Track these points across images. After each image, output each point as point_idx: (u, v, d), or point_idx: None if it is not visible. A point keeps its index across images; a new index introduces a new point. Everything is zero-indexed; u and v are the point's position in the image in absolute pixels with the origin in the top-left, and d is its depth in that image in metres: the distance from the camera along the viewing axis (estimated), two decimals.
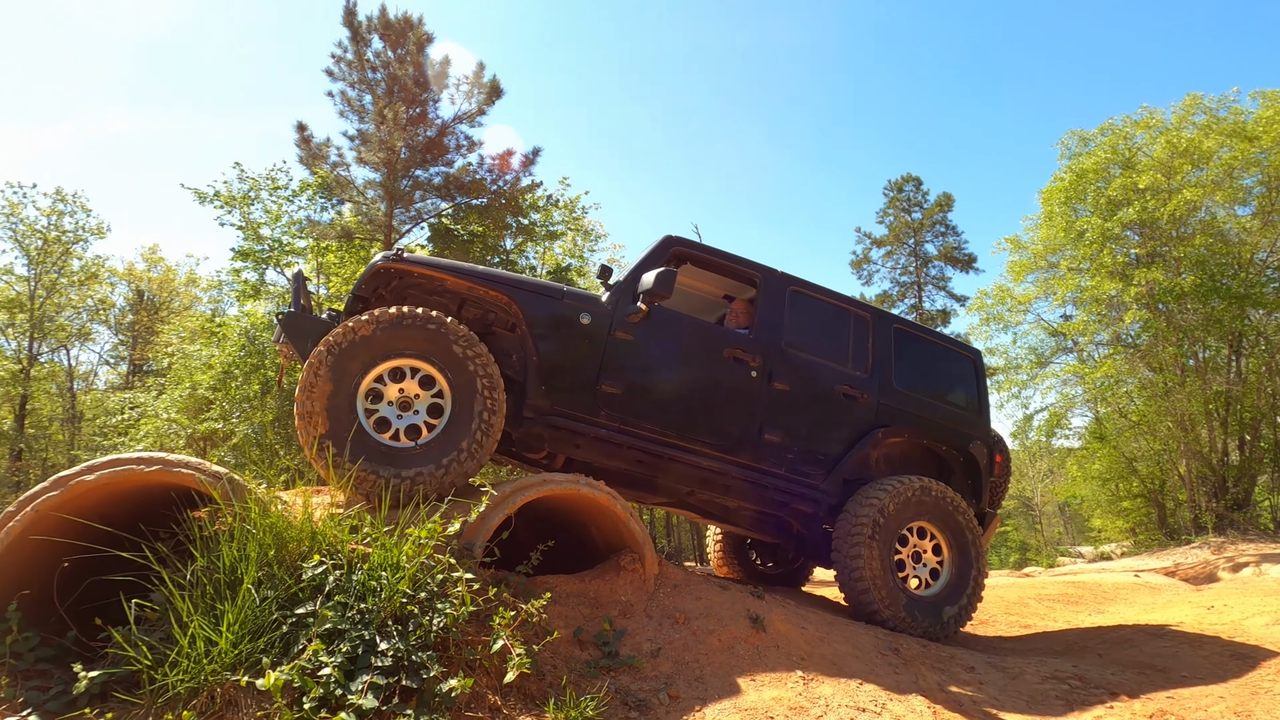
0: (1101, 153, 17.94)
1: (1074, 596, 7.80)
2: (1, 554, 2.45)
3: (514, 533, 3.62)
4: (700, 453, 4.25)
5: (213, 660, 2.25)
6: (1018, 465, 33.93)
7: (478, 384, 3.58)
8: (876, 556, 4.16)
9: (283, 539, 2.64)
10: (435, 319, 3.58)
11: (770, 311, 4.52)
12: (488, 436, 3.56)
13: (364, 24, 14.91)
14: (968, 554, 4.54)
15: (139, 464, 2.70)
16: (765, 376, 4.36)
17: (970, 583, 4.50)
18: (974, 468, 4.93)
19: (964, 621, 4.45)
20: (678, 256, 4.53)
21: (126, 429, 16.71)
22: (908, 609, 4.18)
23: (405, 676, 2.31)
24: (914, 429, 4.76)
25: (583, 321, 4.06)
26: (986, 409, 5.14)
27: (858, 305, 4.86)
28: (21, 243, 21.57)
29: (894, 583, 4.20)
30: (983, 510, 4.98)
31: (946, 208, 27.37)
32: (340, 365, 3.41)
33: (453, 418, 3.55)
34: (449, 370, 3.56)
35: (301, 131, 14.79)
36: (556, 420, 4.00)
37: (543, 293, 4.06)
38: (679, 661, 3.00)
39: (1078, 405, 20.10)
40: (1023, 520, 36.18)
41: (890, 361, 4.77)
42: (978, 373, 5.19)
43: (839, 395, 4.54)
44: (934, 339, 5.19)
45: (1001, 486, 5.57)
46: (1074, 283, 18.12)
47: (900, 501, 4.31)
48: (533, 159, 15.73)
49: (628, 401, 4.10)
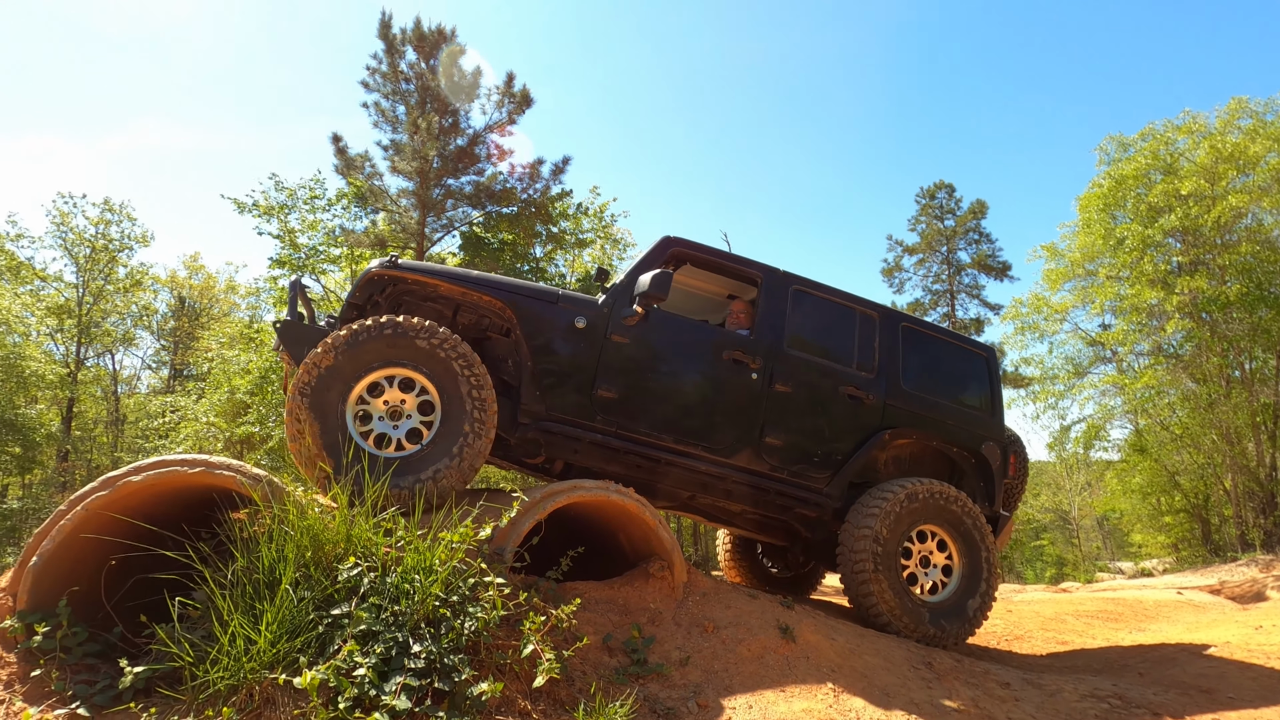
0: (1142, 158, 17.54)
1: (1114, 613, 7.59)
2: (54, 551, 2.54)
3: (543, 538, 3.64)
4: (699, 457, 4.20)
5: (252, 659, 2.30)
6: (1054, 478, 33.15)
7: (461, 385, 3.54)
8: (882, 561, 4.08)
9: (319, 541, 2.69)
10: (390, 323, 3.54)
11: (771, 312, 4.44)
12: (479, 439, 3.52)
13: (398, 36, 15.20)
14: (978, 558, 4.41)
15: (183, 466, 2.78)
16: (766, 378, 4.30)
17: (981, 587, 4.37)
18: (986, 469, 4.80)
19: (975, 627, 4.33)
20: (676, 257, 4.50)
21: (167, 432, 17.17)
22: (915, 614, 4.09)
23: (437, 679, 2.34)
24: (923, 430, 4.64)
25: (578, 325, 4.02)
26: (1000, 408, 4.99)
27: (864, 304, 4.74)
28: (71, 251, 22.34)
29: (901, 588, 4.11)
30: (996, 513, 4.85)
31: (980, 215, 26.93)
32: (318, 401, 3.39)
33: (442, 423, 3.52)
34: (427, 371, 3.54)
35: (337, 143, 15.11)
36: (551, 425, 3.97)
37: (537, 297, 4.04)
38: (708, 670, 2.99)
39: (1117, 417, 19.62)
40: (1059, 534, 35.29)
41: (898, 361, 4.67)
42: (991, 371, 5.05)
43: (844, 397, 4.45)
44: (945, 337, 5.05)
45: (1017, 488, 5.43)
46: (1113, 291, 17.72)
47: (906, 505, 4.21)
48: (562, 167, 15.86)
49: (624, 405, 4.06)
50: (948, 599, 4.30)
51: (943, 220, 27.36)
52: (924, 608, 4.15)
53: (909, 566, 4.34)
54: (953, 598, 4.31)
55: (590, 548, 3.90)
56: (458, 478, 3.48)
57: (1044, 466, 32.57)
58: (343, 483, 3.17)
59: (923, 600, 4.22)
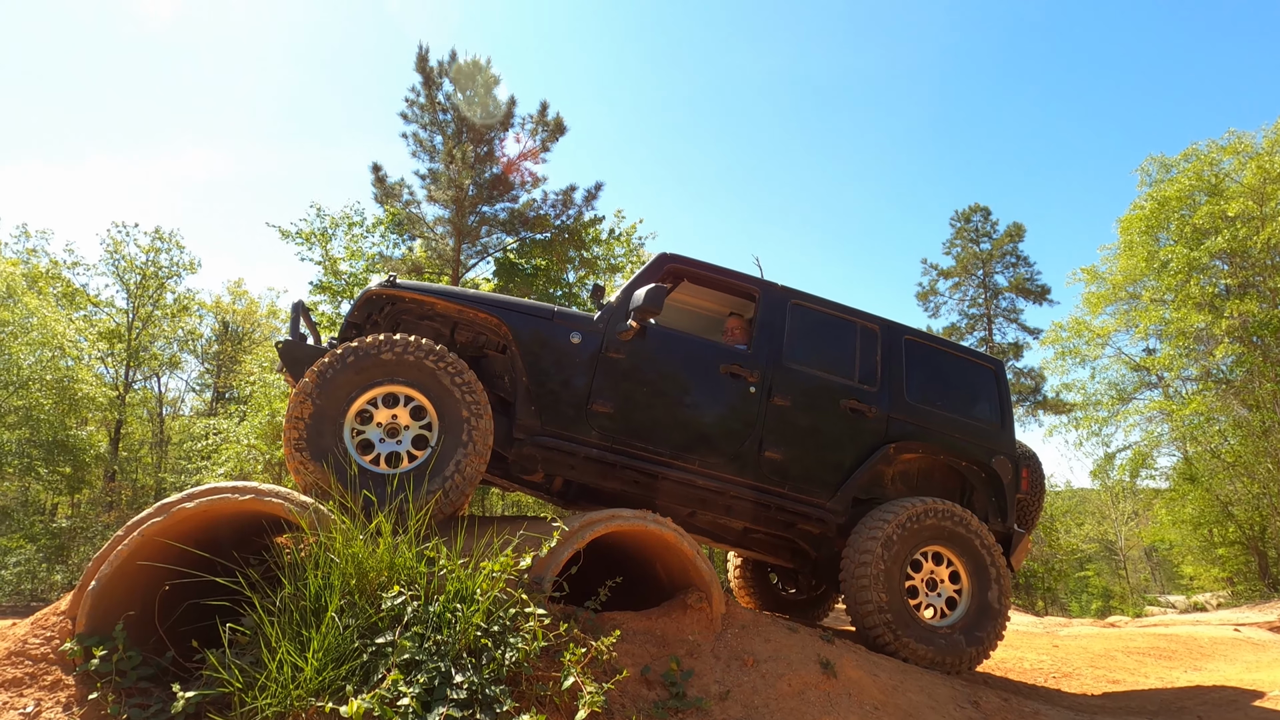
0: (1185, 179, 17.18)
1: (1166, 650, 7.29)
2: (111, 575, 2.62)
3: (580, 567, 3.64)
4: (697, 471, 4.15)
5: (299, 685, 2.34)
6: (1099, 506, 32.12)
7: (454, 393, 3.55)
8: (884, 585, 3.96)
9: (364, 569, 2.73)
10: (359, 346, 3.54)
11: (769, 326, 4.42)
12: (477, 455, 3.52)
13: (435, 69, 15.64)
14: (988, 580, 4.26)
15: (234, 493, 2.85)
16: (764, 392, 4.25)
17: (992, 611, 4.21)
18: (998, 484, 4.68)
19: (985, 655, 4.18)
20: (673, 274, 4.50)
21: (209, 453, 17.58)
22: (922, 639, 3.95)
23: (479, 710, 2.35)
24: (929, 444, 4.55)
25: (573, 341, 4.04)
26: (1010, 422, 4.87)
27: (865, 317, 4.69)
28: (122, 278, 23.21)
29: (906, 612, 3.98)
30: (1009, 530, 4.71)
31: (1017, 238, 26.51)
32: (316, 439, 3.39)
33: (441, 436, 3.53)
34: (417, 384, 3.56)
35: (376, 172, 15.53)
36: (546, 440, 3.97)
37: (532, 313, 4.07)
38: (748, 705, 2.94)
39: (1164, 444, 19.03)
40: (1105, 565, 34.10)
41: (901, 374, 4.59)
42: (1000, 384, 4.94)
43: (845, 410, 4.39)
44: (951, 350, 4.96)
45: (1033, 504, 5.24)
46: (1157, 315, 17.29)
47: (910, 525, 4.10)
48: (595, 193, 16.07)
49: (620, 421, 4.05)
50: (956, 623, 4.17)
51: (979, 243, 27.00)
52: (931, 632, 4.02)
53: (914, 580, 4.21)
54: (961, 621, 4.17)
55: (626, 577, 3.89)
56: (458, 488, 3.48)
57: (1088, 495, 31.60)
58: (375, 509, 3.20)
59: (929, 624, 4.09)
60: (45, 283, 21.84)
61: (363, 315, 4.23)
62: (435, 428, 3.59)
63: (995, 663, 6.08)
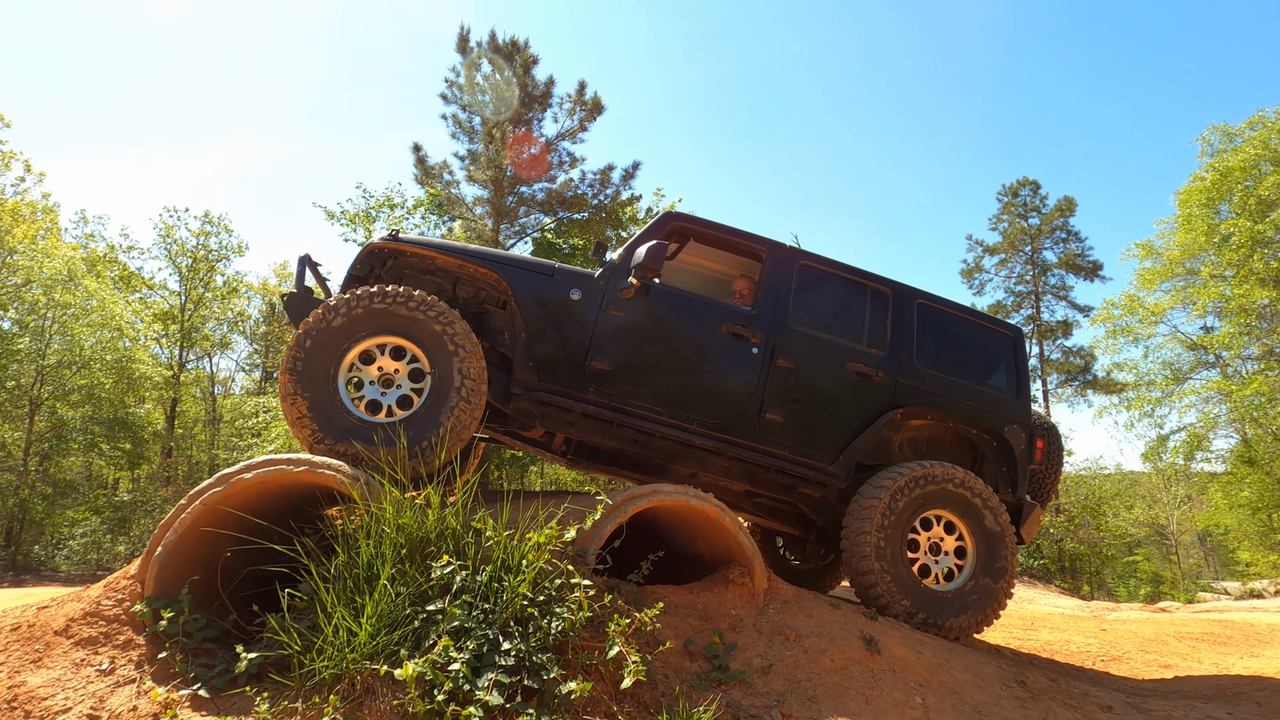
0: (1250, 149, 16.36)
1: (1221, 636, 7.08)
2: (176, 542, 2.74)
3: (623, 541, 3.68)
4: (696, 431, 4.11)
5: (354, 649, 2.42)
6: (1150, 490, 31.18)
7: (450, 345, 3.56)
8: (885, 545, 3.89)
9: (414, 538, 2.80)
10: (348, 299, 3.56)
11: (775, 287, 4.33)
12: (469, 405, 3.54)
13: (475, 49, 15.67)
14: (994, 548, 4.16)
15: (289, 464, 2.94)
16: (767, 353, 4.18)
17: (998, 577, 4.12)
18: (1009, 454, 4.55)
19: (987, 623, 4.10)
20: (678, 233, 4.44)
21: (259, 431, 18.18)
22: (921, 603, 3.89)
23: (527, 676, 2.40)
24: (939, 410, 4.43)
25: (573, 298, 4.01)
26: (1026, 391, 4.71)
27: (877, 280, 4.57)
28: (174, 261, 23.97)
29: (906, 574, 3.91)
30: (1020, 500, 4.58)
31: (1068, 212, 25.58)
32: (309, 387, 3.44)
33: (433, 387, 3.57)
34: (412, 336, 3.58)
35: (417, 152, 15.69)
36: (543, 396, 3.96)
37: (532, 269, 4.06)
38: (791, 679, 2.95)
39: (1221, 425, 18.34)
40: (1155, 550, 33.16)
41: (912, 339, 4.46)
42: (1017, 352, 4.77)
43: (850, 374, 4.29)
44: (967, 316, 4.79)
45: (1048, 476, 5.08)
46: (1217, 291, 16.59)
47: (912, 489, 4.02)
48: (632, 173, 15.99)
49: (618, 378, 4.03)
50: (960, 588, 4.08)
51: (1027, 219, 26.14)
52: (933, 596, 3.96)
53: (918, 554, 4.13)
54: (966, 587, 4.09)
55: (667, 552, 3.91)
56: (452, 437, 3.52)
57: (1138, 478, 30.71)
58: (332, 443, 3.32)
59: (932, 589, 4.02)
60: (103, 266, 22.68)
61: (365, 269, 4.25)
62: (427, 378, 3.62)
63: (1041, 644, 5.99)
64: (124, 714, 2.30)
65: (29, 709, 2.29)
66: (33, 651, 2.51)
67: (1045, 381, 24.52)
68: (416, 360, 3.66)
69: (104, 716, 2.29)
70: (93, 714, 2.29)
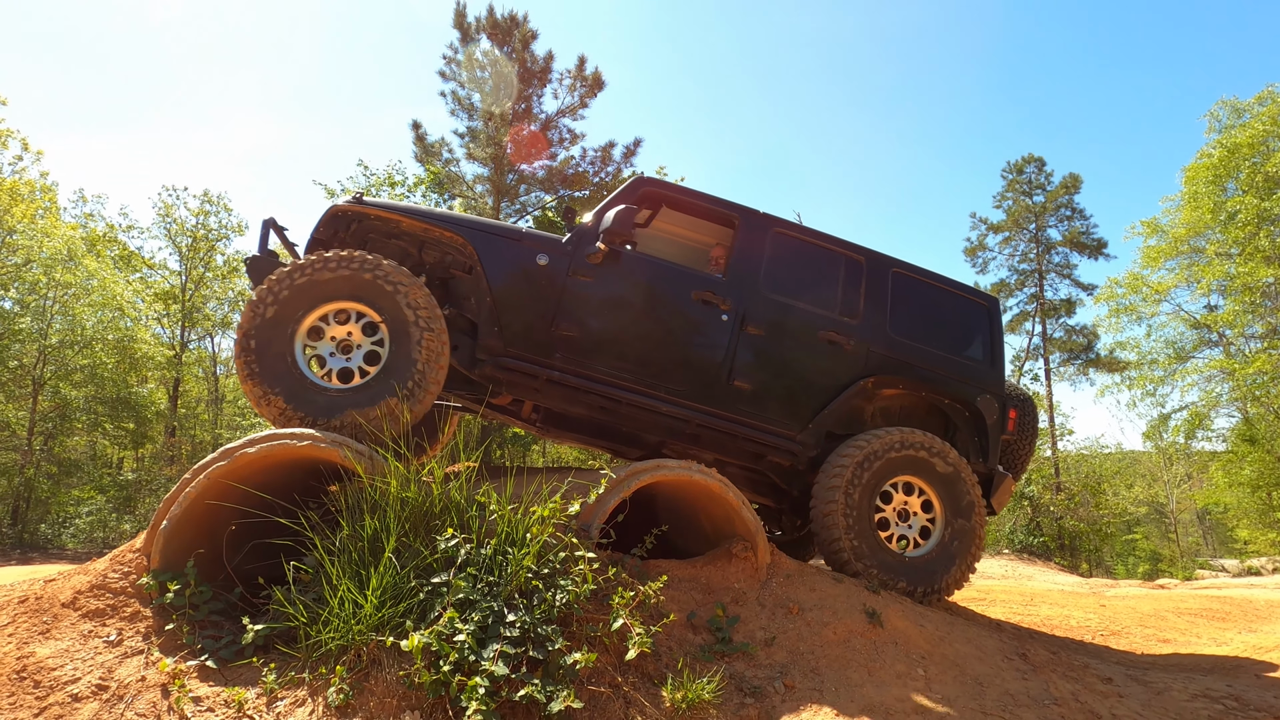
0: (1259, 124, 16.18)
1: (1220, 612, 7.12)
2: (181, 516, 2.74)
3: (626, 515, 3.69)
4: (663, 399, 4.08)
5: (359, 621, 2.44)
6: (1150, 469, 31.27)
7: (408, 311, 3.49)
8: (853, 508, 3.90)
9: (418, 512, 2.80)
10: (303, 264, 3.50)
11: (747, 253, 4.28)
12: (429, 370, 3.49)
13: (472, 25, 15.46)
14: (963, 515, 4.16)
15: (293, 439, 2.94)
16: (737, 320, 4.14)
17: (964, 548, 4.13)
18: (981, 424, 4.53)
19: (958, 585, 4.11)
20: (650, 198, 4.39)
21: None
22: (887, 567, 3.90)
23: (531, 647, 2.42)
24: (910, 380, 4.41)
25: (540, 263, 3.96)
26: (1001, 361, 4.69)
27: (851, 248, 4.53)
28: (174, 241, 23.88)
29: (873, 538, 3.92)
30: (992, 470, 4.57)
31: (1073, 190, 25.36)
32: (266, 353, 3.38)
33: (392, 351, 3.50)
34: (370, 301, 3.52)
35: (417, 130, 15.56)
36: (509, 361, 3.92)
37: (499, 234, 4.01)
38: (794, 652, 2.97)
39: (1223, 404, 18.33)
40: (1154, 528, 33.33)
41: (885, 307, 4.44)
42: (992, 322, 4.75)
43: (821, 342, 4.26)
44: (942, 285, 4.74)
45: (1022, 447, 5.06)
46: (1222, 269, 16.50)
47: (880, 455, 4.01)
48: (634, 150, 15.85)
49: (584, 344, 3.99)
50: (928, 553, 4.10)
51: (1031, 196, 25.94)
52: (901, 562, 3.97)
53: (887, 519, 4.14)
54: (934, 552, 4.10)
55: (670, 527, 3.92)
56: (414, 403, 3.47)
57: (1139, 457, 30.78)
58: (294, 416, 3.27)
59: (900, 554, 4.03)
60: (103, 246, 22.60)
61: (328, 232, 4.17)
62: (386, 343, 3.56)
63: (1041, 619, 6.03)
64: (133, 684, 2.32)
65: (38, 679, 2.31)
66: (41, 623, 2.53)
67: (1048, 360, 24.50)
68: (376, 327, 3.57)
69: (113, 686, 2.31)
70: (101, 684, 2.31)
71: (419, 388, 3.47)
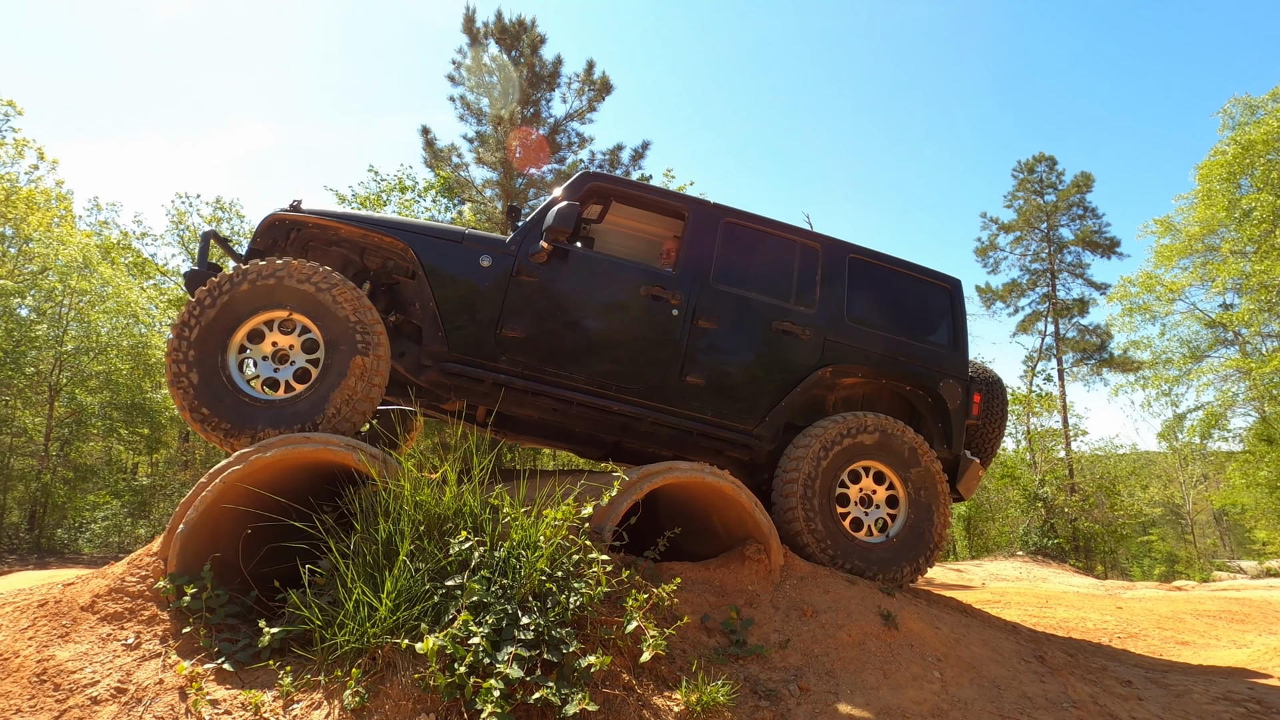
0: (1273, 121, 16.01)
1: (1239, 614, 7.04)
2: (197, 519, 2.76)
3: (639, 518, 3.68)
4: (614, 398, 4.03)
5: (374, 624, 2.44)
6: (1166, 469, 30.96)
7: (343, 320, 3.43)
8: (813, 499, 3.85)
9: (431, 515, 2.81)
10: (233, 275, 3.44)
11: (697, 246, 4.24)
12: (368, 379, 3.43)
13: (481, 30, 15.53)
14: (927, 501, 4.12)
15: (307, 443, 2.96)
16: (688, 315, 4.10)
17: (929, 533, 4.08)
18: (943, 410, 4.46)
19: (922, 571, 4.06)
20: (596, 193, 4.35)
21: None
22: (850, 555, 3.86)
23: (546, 650, 2.41)
24: (870, 368, 4.34)
25: (483, 264, 3.93)
26: (964, 344, 4.60)
27: (806, 235, 4.47)
28: (187, 247, 24.08)
29: (836, 528, 3.88)
30: (955, 456, 4.50)
31: (1085, 188, 25.15)
32: (198, 366, 3.34)
33: (327, 361, 3.44)
34: (305, 310, 3.46)
35: (426, 135, 15.63)
36: (453, 366, 3.87)
37: (439, 236, 3.97)
38: (808, 654, 2.96)
39: (1240, 404, 18.13)
40: (1170, 529, 32.98)
41: (842, 294, 4.37)
42: (955, 304, 4.66)
43: (776, 333, 4.21)
44: (902, 269, 4.65)
45: (990, 430, 4.93)
46: (1237, 268, 16.33)
47: (838, 439, 3.97)
48: (642, 153, 15.87)
49: (531, 346, 3.95)
50: (892, 539, 4.05)
51: (1043, 195, 25.76)
52: (864, 548, 3.93)
53: (848, 507, 4.09)
54: (898, 538, 4.06)
55: (684, 528, 3.92)
56: (347, 412, 3.42)
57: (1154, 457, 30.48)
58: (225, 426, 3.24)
59: (863, 541, 3.99)
60: (117, 253, 22.82)
61: (266, 242, 4.11)
62: (322, 353, 3.51)
63: (1057, 622, 5.98)
64: (151, 687, 2.33)
65: (58, 681, 2.33)
66: (60, 626, 2.55)
67: (1060, 360, 24.30)
68: (313, 336, 3.53)
69: (131, 689, 2.32)
70: (120, 687, 2.33)
71: (354, 399, 3.41)
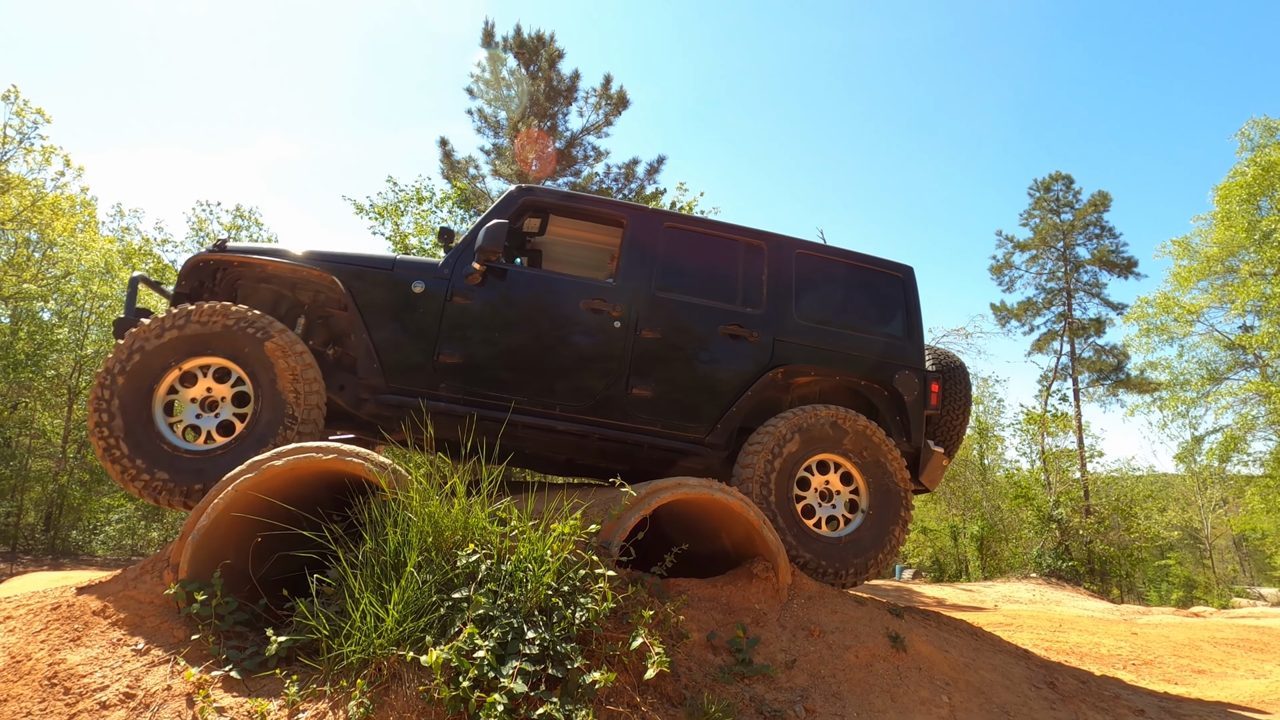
0: None
1: (1258, 643, 6.90)
2: (208, 527, 2.79)
3: (646, 533, 3.68)
4: (559, 417, 3.97)
5: (381, 635, 2.45)
6: (1184, 492, 30.47)
7: (271, 359, 3.41)
8: (770, 496, 3.80)
9: (439, 527, 2.82)
10: (151, 325, 3.43)
11: (637, 255, 4.19)
12: (302, 420, 3.43)
13: (500, 44, 15.73)
14: (887, 493, 4.05)
15: (318, 452, 2.98)
16: (631, 326, 4.04)
17: (890, 525, 4.02)
18: (900, 402, 4.37)
19: (883, 567, 4.00)
20: (531, 207, 4.30)
21: None
22: (812, 549, 3.80)
23: (550, 665, 2.41)
24: (821, 365, 4.28)
25: (415, 290, 3.88)
26: (919, 333, 4.51)
27: (751, 234, 4.40)
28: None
29: (797, 526, 3.83)
30: (916, 447, 4.40)
31: (1102, 208, 24.98)
32: (123, 419, 3.32)
33: (258, 406, 3.42)
34: (230, 353, 3.45)
35: (444, 147, 15.81)
36: (390, 398, 3.82)
37: (368, 266, 3.92)
38: (815, 675, 2.93)
39: (1260, 427, 17.85)
40: (1188, 554, 32.42)
41: (790, 293, 4.31)
42: (907, 292, 4.57)
43: (722, 337, 4.15)
44: (851, 260, 4.57)
45: (953, 419, 4.79)
46: (1257, 289, 16.14)
47: (790, 435, 3.91)
48: (657, 167, 15.97)
49: (470, 370, 3.89)
50: (853, 533, 3.99)
51: (1059, 214, 25.60)
52: (824, 543, 3.88)
53: (811, 506, 4.03)
54: (859, 531, 3.99)
55: (690, 546, 3.90)
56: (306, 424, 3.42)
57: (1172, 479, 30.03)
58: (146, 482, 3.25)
59: (823, 535, 3.93)
60: (138, 259, 23.17)
61: (191, 284, 4.03)
62: (252, 397, 3.48)
63: (1070, 647, 5.89)
64: (159, 692, 2.35)
65: (68, 686, 2.35)
66: (72, 630, 2.58)
67: (1076, 380, 24.06)
68: (241, 380, 3.52)
69: (140, 694, 2.34)
70: (129, 692, 2.35)
71: (290, 443, 3.38)
